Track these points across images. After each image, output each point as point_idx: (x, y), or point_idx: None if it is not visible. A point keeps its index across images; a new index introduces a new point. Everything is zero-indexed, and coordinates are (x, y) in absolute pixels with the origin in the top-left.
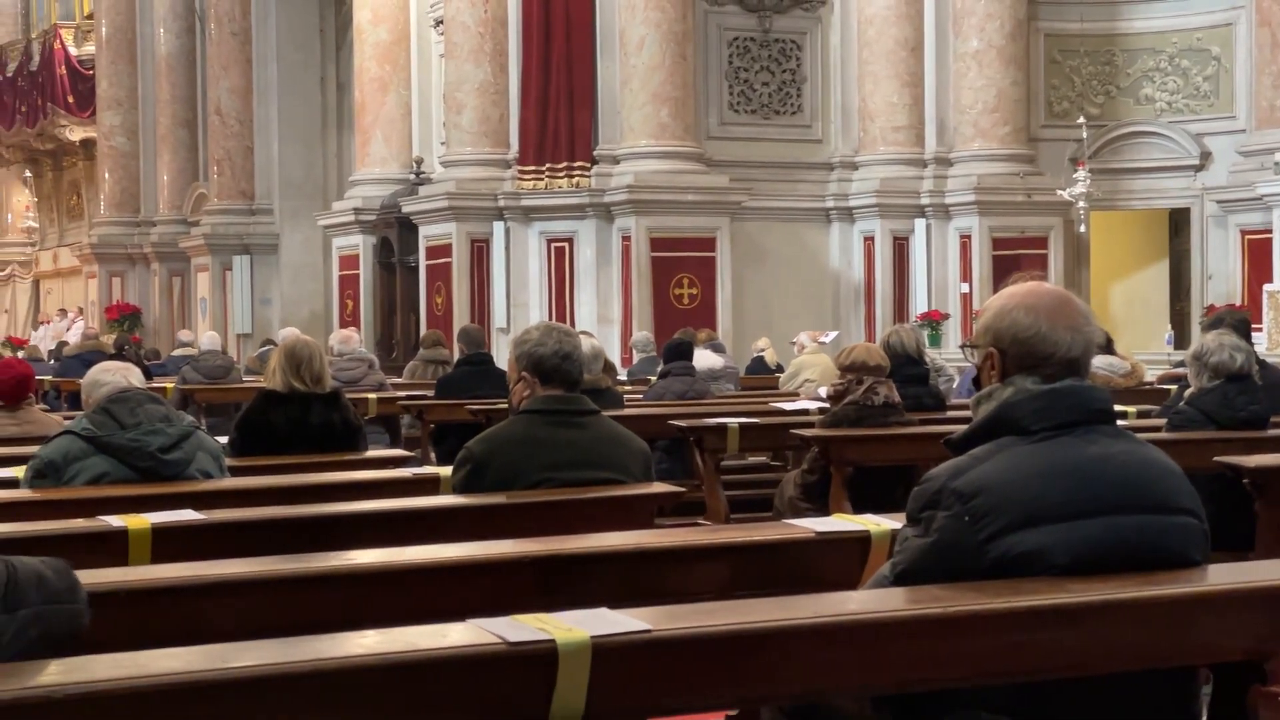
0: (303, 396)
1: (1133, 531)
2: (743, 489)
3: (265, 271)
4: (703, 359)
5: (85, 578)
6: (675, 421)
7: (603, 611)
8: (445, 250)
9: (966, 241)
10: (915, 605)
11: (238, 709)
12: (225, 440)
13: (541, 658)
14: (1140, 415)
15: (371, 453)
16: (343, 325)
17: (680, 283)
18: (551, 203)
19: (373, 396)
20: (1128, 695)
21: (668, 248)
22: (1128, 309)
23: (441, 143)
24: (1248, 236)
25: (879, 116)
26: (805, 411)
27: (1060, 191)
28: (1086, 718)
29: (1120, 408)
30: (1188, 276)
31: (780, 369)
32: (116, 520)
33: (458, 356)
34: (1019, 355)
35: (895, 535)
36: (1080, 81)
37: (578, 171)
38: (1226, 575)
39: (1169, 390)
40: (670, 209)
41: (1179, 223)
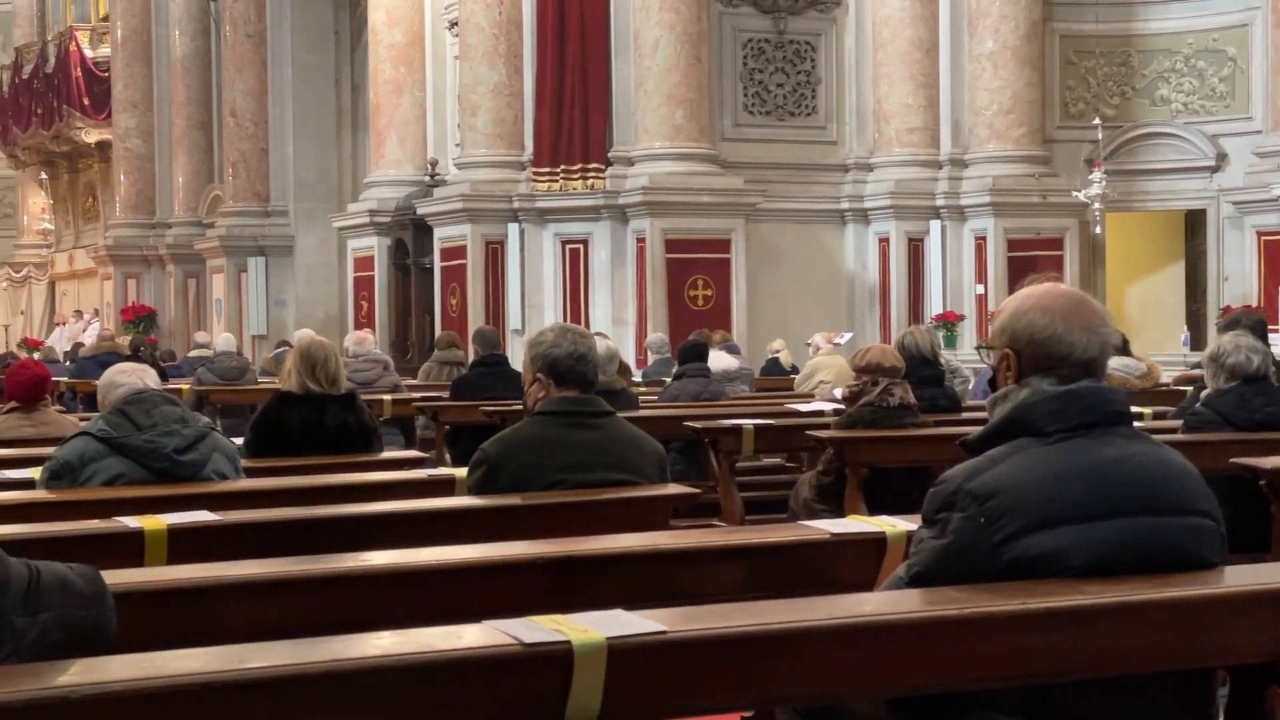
0: (318, 398)
1: (1149, 533)
2: (757, 490)
3: (280, 273)
4: (717, 360)
5: None
6: (690, 423)
7: (618, 613)
8: (460, 252)
9: (981, 243)
10: (931, 607)
11: (253, 710)
12: (240, 441)
13: (557, 659)
14: (1156, 417)
15: (386, 454)
16: (357, 327)
17: (695, 284)
18: (566, 204)
19: (388, 398)
20: (1144, 698)
21: (682, 249)
22: (1143, 310)
23: (456, 144)
24: (1264, 238)
25: (894, 118)
26: (820, 413)
27: (1076, 193)
28: None
29: (1136, 409)
30: (1203, 278)
31: (795, 370)
32: (133, 521)
33: (472, 358)
34: (1035, 357)
35: (911, 537)
36: (1096, 82)
37: (592, 173)
38: (1243, 577)
39: (1185, 392)
40: (685, 210)
41: (1195, 224)
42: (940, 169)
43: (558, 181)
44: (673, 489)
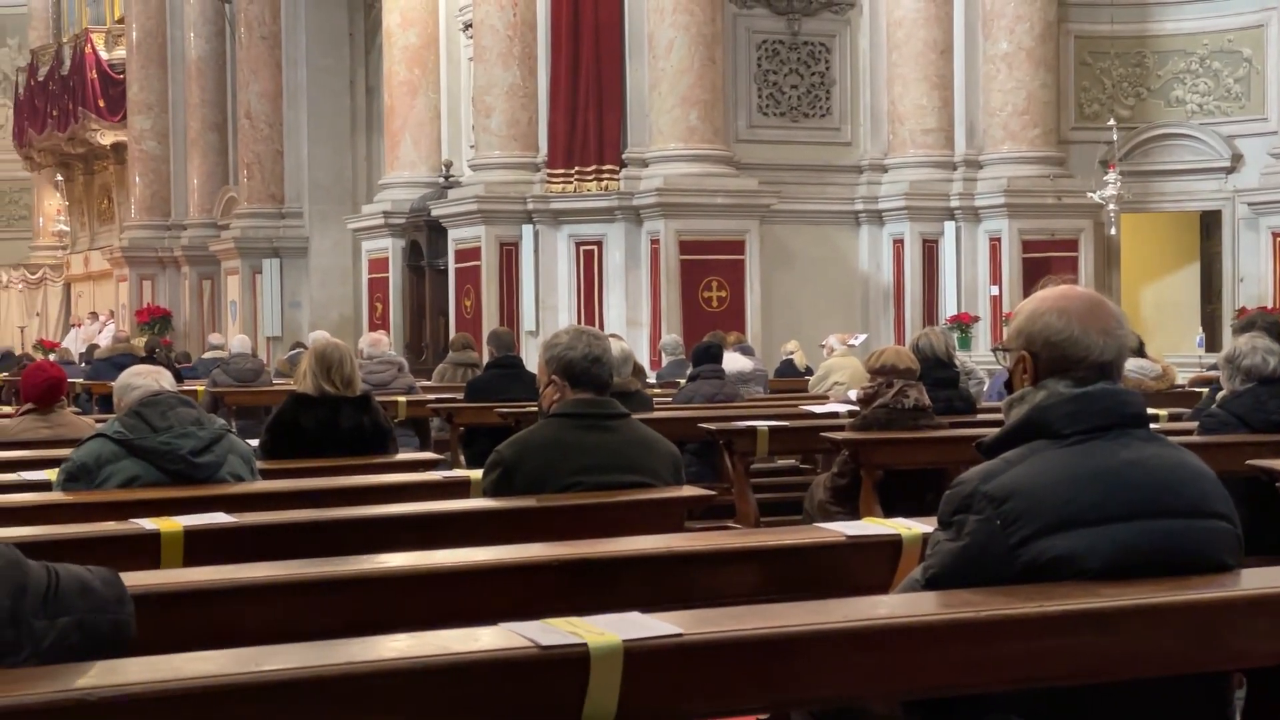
0: (333, 400)
1: (1165, 536)
2: (772, 492)
3: (295, 275)
4: (732, 362)
5: None
6: (705, 424)
7: (634, 615)
8: (474, 253)
9: (996, 244)
10: (947, 609)
11: (270, 712)
12: (256, 443)
13: (573, 662)
14: (1171, 418)
15: (402, 456)
16: (372, 328)
17: (709, 285)
18: (580, 206)
19: (402, 399)
20: (1160, 701)
21: (696, 251)
22: (1158, 312)
23: (470, 146)
24: (1279, 239)
25: (908, 119)
26: (835, 414)
27: (1090, 194)
28: None
29: (1151, 411)
30: (1219, 279)
31: (809, 372)
32: (149, 523)
33: (487, 359)
34: (1051, 359)
35: (926, 539)
36: (1111, 83)
37: (606, 175)
38: (1260, 580)
39: (1200, 393)
40: (699, 212)
41: (1210, 225)
42: (955, 170)
43: (572, 183)
44: (688, 491)
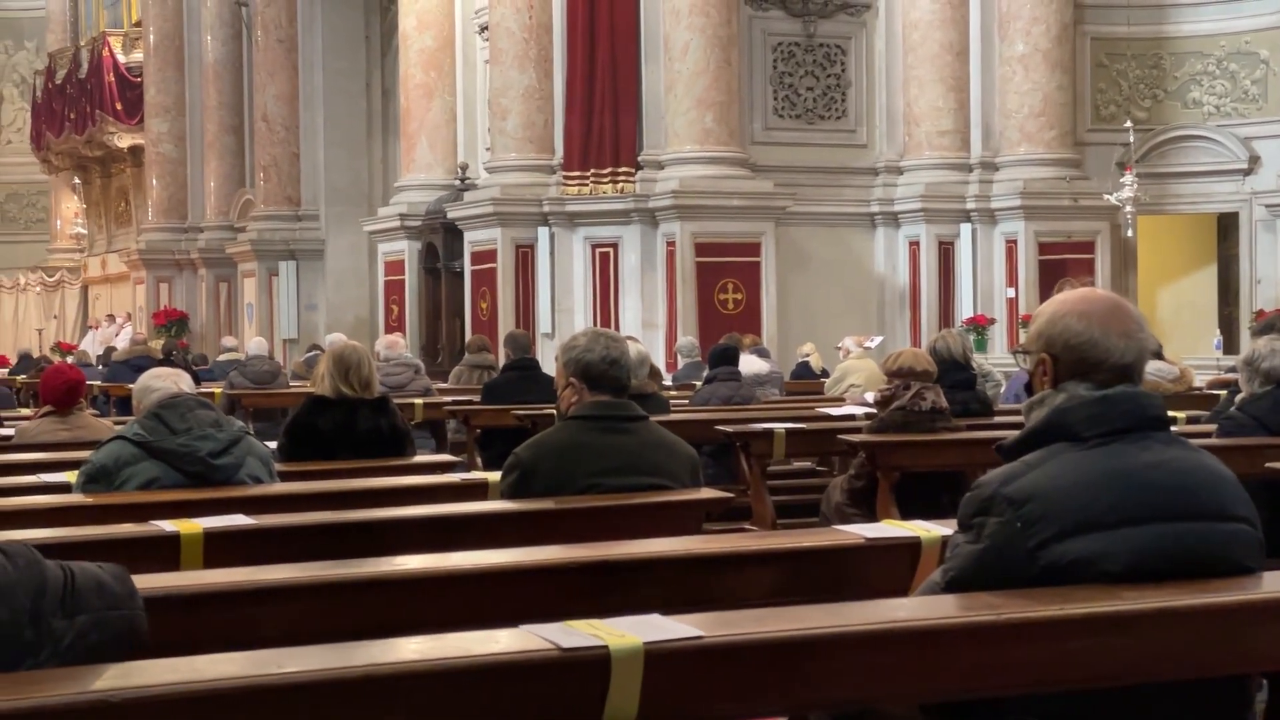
0: (351, 402)
1: (1186, 539)
2: (788, 494)
3: (311, 277)
4: (748, 364)
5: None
6: (721, 427)
7: (655, 617)
8: (490, 256)
9: (1012, 246)
10: (967, 612)
11: (291, 714)
12: (274, 445)
13: (594, 664)
14: (1189, 421)
15: (419, 458)
16: (388, 331)
17: (725, 288)
18: (596, 208)
19: (419, 401)
20: (1181, 704)
21: (712, 253)
22: (1176, 314)
23: (486, 148)
24: None
25: (924, 121)
26: (852, 417)
27: (1107, 196)
28: None
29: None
30: (1236, 281)
31: (825, 374)
32: (169, 525)
33: (503, 361)
34: (1071, 362)
35: (945, 541)
36: (1127, 85)
37: (622, 177)
38: None
39: (1218, 395)
40: (715, 214)
41: (1227, 227)
42: (971, 172)
43: (588, 185)
44: (706, 493)
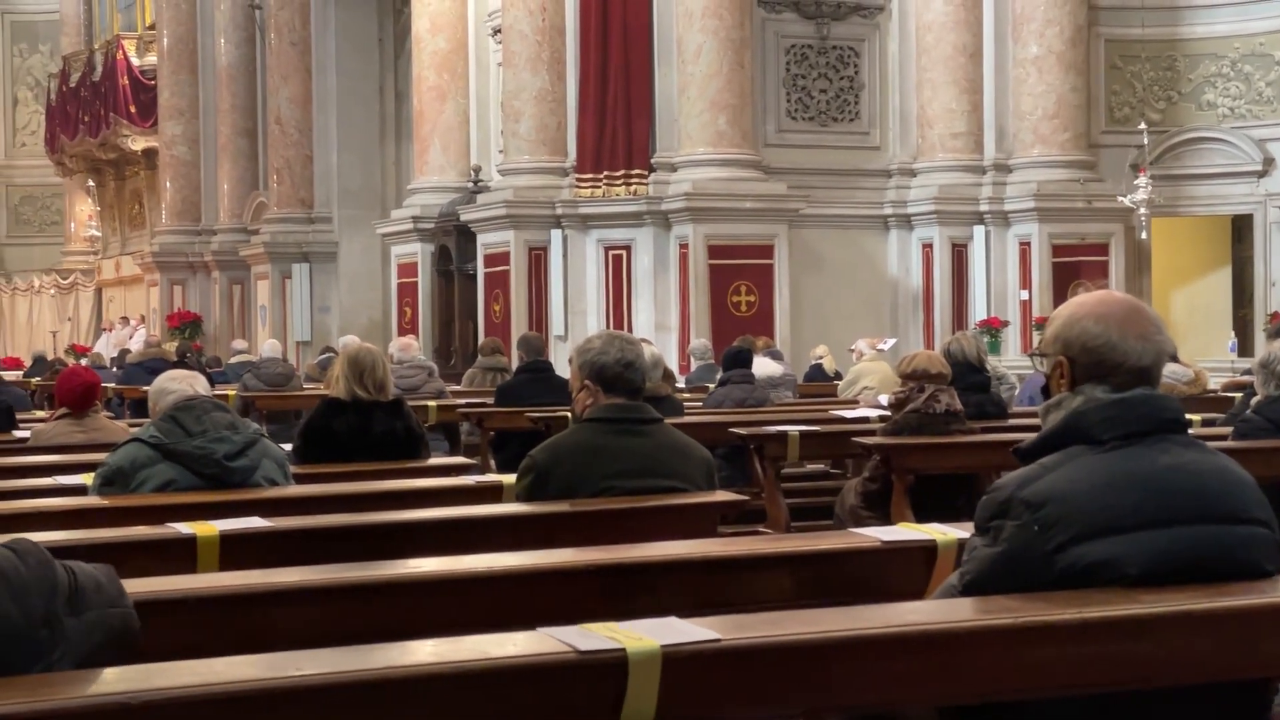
0: (366, 404)
1: (1204, 542)
2: (801, 497)
3: (324, 279)
4: (761, 366)
5: (155, 585)
6: (736, 429)
7: (672, 621)
8: (503, 258)
9: (1026, 248)
10: (984, 616)
11: (309, 716)
12: (289, 448)
13: (612, 667)
14: (1204, 424)
15: (434, 460)
16: (401, 333)
17: (738, 290)
18: (609, 210)
19: (432, 404)
20: (1199, 708)
21: (725, 255)
22: (1190, 316)
23: (499, 151)
24: None
25: (937, 123)
26: (865, 419)
27: (1121, 198)
28: None
29: None
30: (1251, 283)
31: (838, 376)
32: (185, 527)
33: (517, 364)
34: (1089, 364)
35: (962, 545)
36: (1141, 87)
37: (635, 179)
38: None
39: (1233, 398)
40: (728, 216)
41: (1241, 229)
42: (984, 174)
43: (600, 188)
44: (721, 496)
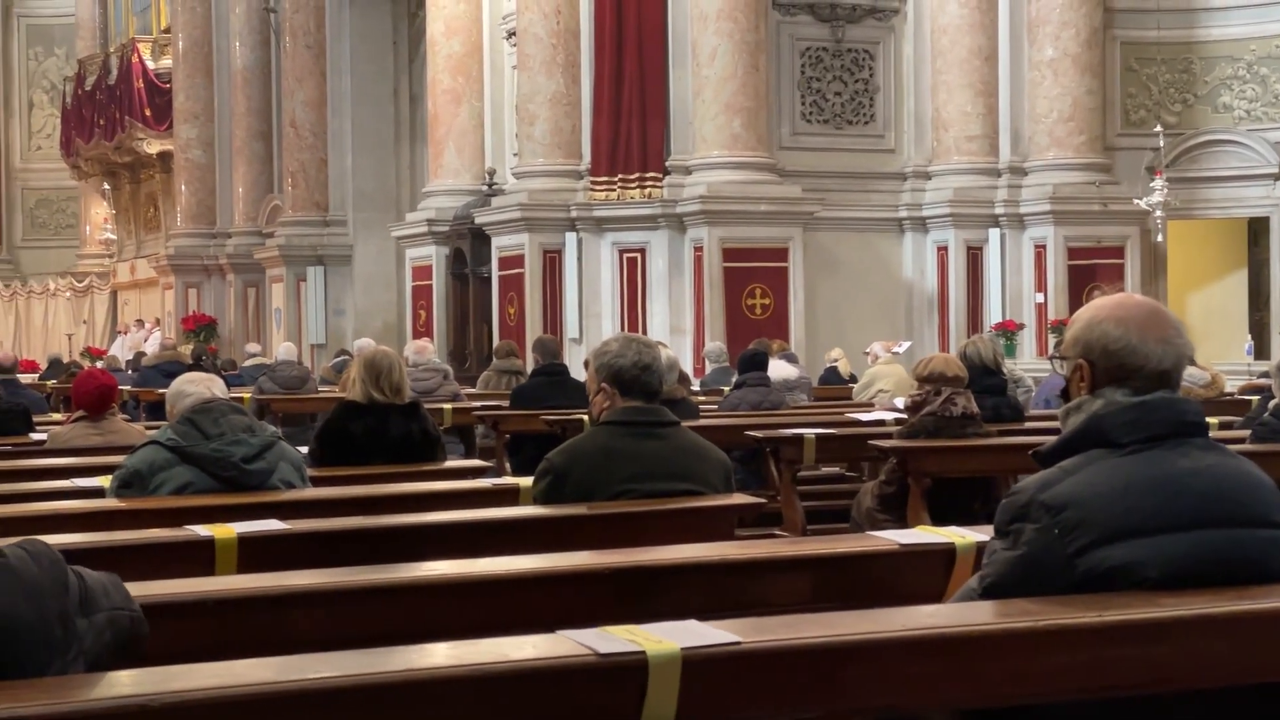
0: (382, 407)
1: (1225, 545)
2: (817, 500)
3: (339, 282)
4: (776, 369)
5: (173, 587)
6: (752, 432)
7: (692, 623)
8: (518, 261)
9: (1041, 251)
10: (1004, 619)
11: (328, 719)
12: (305, 450)
13: (632, 669)
14: (1221, 427)
15: (450, 463)
16: (416, 336)
17: (753, 293)
18: (624, 213)
19: (448, 407)
20: (1220, 712)
21: (740, 258)
22: (1206, 319)
23: (514, 154)
24: None
25: (953, 126)
26: (882, 422)
27: (1137, 201)
28: None
29: None
30: (1267, 286)
31: (853, 379)
32: (203, 530)
33: (532, 367)
34: (1109, 367)
35: (981, 548)
36: (1157, 90)
37: (650, 182)
38: None
39: (1249, 401)
40: (742, 219)
41: (1258, 232)
42: (999, 177)
43: (615, 191)
44: (738, 499)
